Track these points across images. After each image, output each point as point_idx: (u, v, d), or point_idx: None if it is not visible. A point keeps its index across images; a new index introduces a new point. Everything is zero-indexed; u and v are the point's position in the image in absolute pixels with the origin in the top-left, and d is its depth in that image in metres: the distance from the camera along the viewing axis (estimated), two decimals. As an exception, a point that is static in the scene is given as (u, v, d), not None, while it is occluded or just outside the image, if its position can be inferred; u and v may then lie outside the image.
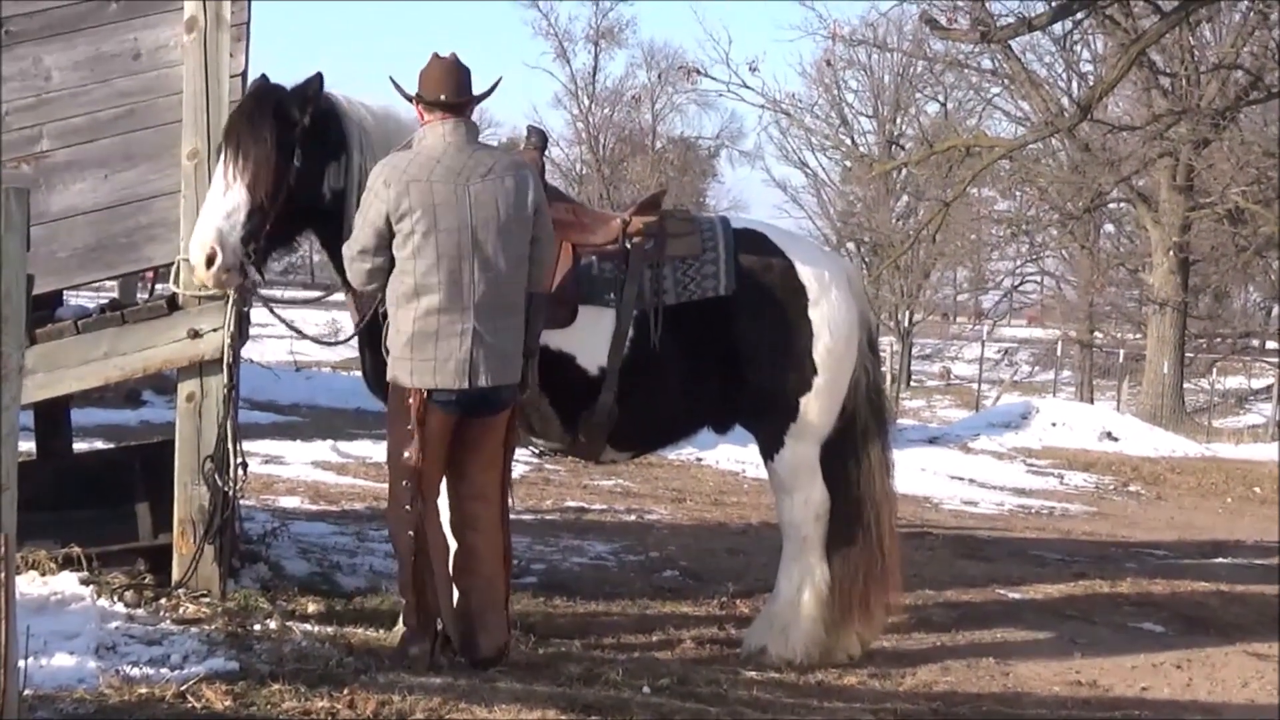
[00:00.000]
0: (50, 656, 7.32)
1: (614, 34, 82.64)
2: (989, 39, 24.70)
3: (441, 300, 8.11)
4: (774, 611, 9.51)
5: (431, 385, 8.15)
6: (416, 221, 8.09)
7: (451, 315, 8.12)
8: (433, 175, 8.15)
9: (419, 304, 8.13)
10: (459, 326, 8.13)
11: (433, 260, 8.10)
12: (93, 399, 18.92)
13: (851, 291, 9.66)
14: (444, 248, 8.11)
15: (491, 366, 8.21)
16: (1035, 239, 54.82)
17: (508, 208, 8.28)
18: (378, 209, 8.16)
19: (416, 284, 8.12)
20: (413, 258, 8.12)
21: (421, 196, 8.10)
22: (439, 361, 8.13)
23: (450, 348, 8.13)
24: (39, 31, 9.34)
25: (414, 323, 8.14)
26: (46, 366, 9.15)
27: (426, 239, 8.10)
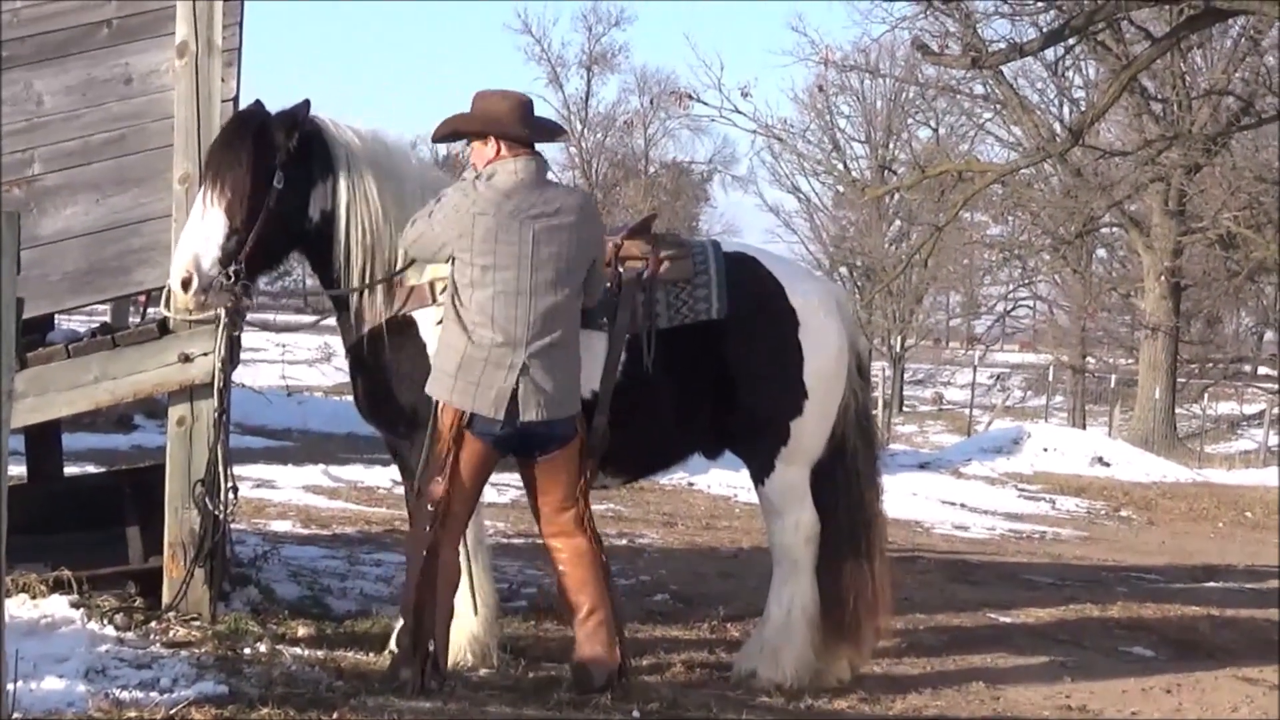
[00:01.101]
0: (40, 680, 7.31)
1: (606, 60, 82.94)
2: (980, 65, 24.78)
3: (494, 334, 8.16)
4: (764, 635, 9.50)
5: (469, 409, 8.17)
6: (478, 254, 8.16)
7: (503, 349, 8.16)
8: (500, 211, 8.20)
9: (472, 332, 8.18)
10: (509, 360, 8.17)
11: (489, 294, 8.16)
12: (84, 423, 18.94)
13: (841, 316, 9.67)
14: (502, 284, 8.16)
15: (541, 402, 8.24)
16: (1027, 264, 54.87)
17: (571, 247, 8.35)
18: (446, 229, 8.27)
19: (472, 315, 8.19)
20: (470, 287, 8.19)
21: (487, 231, 8.16)
22: (480, 388, 8.16)
23: (495, 378, 8.16)
24: (31, 56, 9.36)
25: (466, 348, 8.19)
26: (37, 390, 9.15)
27: (485, 273, 8.16)
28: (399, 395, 8.98)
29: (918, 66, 41.94)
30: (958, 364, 69.15)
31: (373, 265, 8.87)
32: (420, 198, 8.94)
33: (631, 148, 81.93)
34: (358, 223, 8.79)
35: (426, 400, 8.81)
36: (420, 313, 8.90)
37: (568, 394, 8.41)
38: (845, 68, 43.40)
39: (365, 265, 8.86)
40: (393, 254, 8.88)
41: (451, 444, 8.22)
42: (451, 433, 8.22)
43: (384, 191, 8.85)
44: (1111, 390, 51.68)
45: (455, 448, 8.23)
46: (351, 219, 8.79)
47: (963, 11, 27.01)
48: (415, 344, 8.92)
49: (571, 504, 8.58)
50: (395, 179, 8.94)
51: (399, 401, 8.99)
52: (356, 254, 8.82)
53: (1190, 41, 32.43)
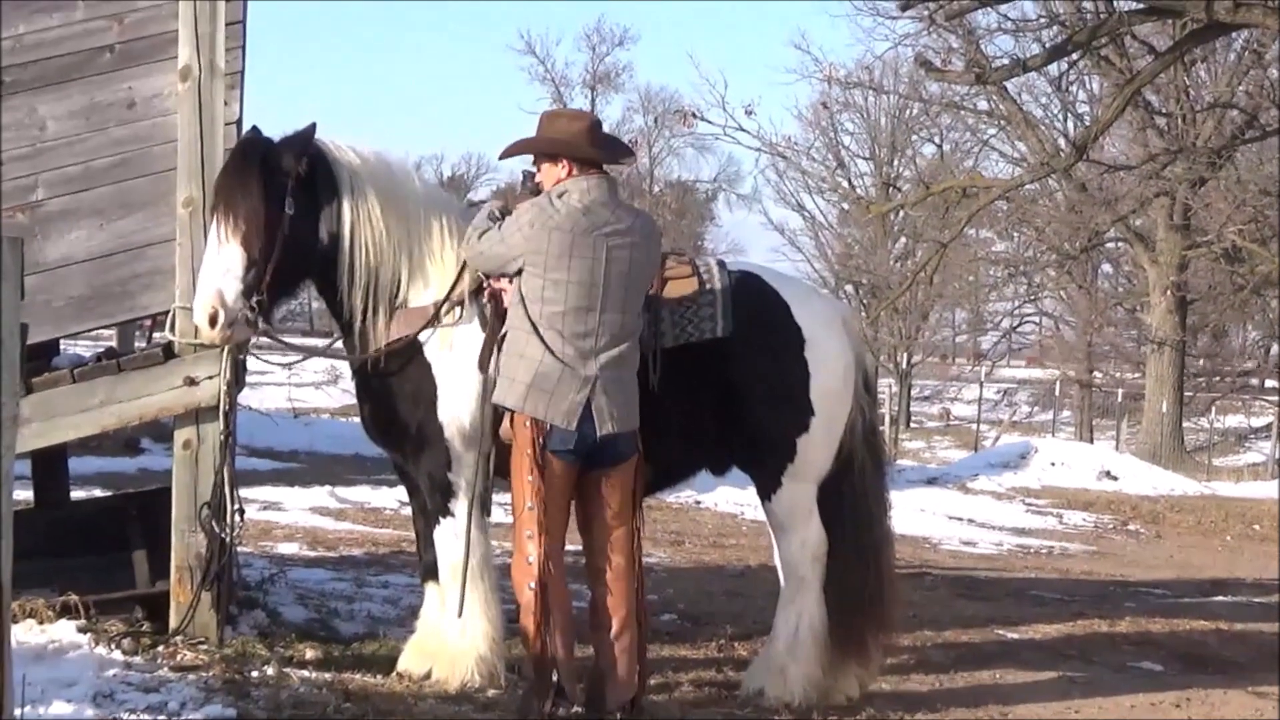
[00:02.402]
0: (48, 705, 7.31)
1: (610, 79, 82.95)
2: (984, 80, 24.79)
3: (566, 346, 8.22)
4: (772, 653, 9.49)
5: (542, 417, 8.20)
6: (551, 269, 8.22)
7: (575, 362, 8.23)
8: (576, 227, 8.26)
9: (543, 345, 8.24)
10: (581, 373, 8.23)
11: (561, 309, 8.21)
12: (91, 447, 18.93)
13: (847, 333, 9.67)
14: (575, 299, 8.21)
15: (612, 414, 8.30)
16: (1033, 279, 54.81)
17: (637, 267, 8.45)
18: (520, 244, 8.33)
19: (544, 327, 8.25)
20: (541, 301, 8.25)
21: (562, 246, 8.22)
22: (554, 399, 8.21)
23: (568, 390, 8.21)
24: (34, 81, 9.38)
25: (540, 358, 8.24)
26: (43, 415, 9.16)
27: (559, 287, 8.21)
28: (405, 415, 9.00)
29: (921, 83, 42.05)
30: (964, 380, 69.08)
31: (376, 286, 8.88)
32: (423, 218, 8.97)
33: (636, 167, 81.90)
34: (361, 244, 8.81)
35: (432, 419, 8.85)
36: (425, 334, 8.91)
37: (633, 408, 8.49)
38: (849, 85, 43.47)
39: (369, 286, 8.87)
40: (396, 274, 8.91)
41: (535, 466, 8.24)
42: (533, 454, 8.23)
43: (387, 212, 8.88)
44: (1118, 404, 51.60)
45: (539, 470, 8.25)
46: (356, 240, 8.81)
47: (966, 28, 27.06)
48: (420, 364, 8.94)
49: (621, 523, 8.58)
50: (398, 199, 8.96)
51: (405, 422, 9.01)
52: (360, 275, 8.84)
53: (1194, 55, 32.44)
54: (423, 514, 9.34)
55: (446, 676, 8.90)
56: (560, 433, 8.23)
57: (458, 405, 8.88)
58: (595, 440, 8.28)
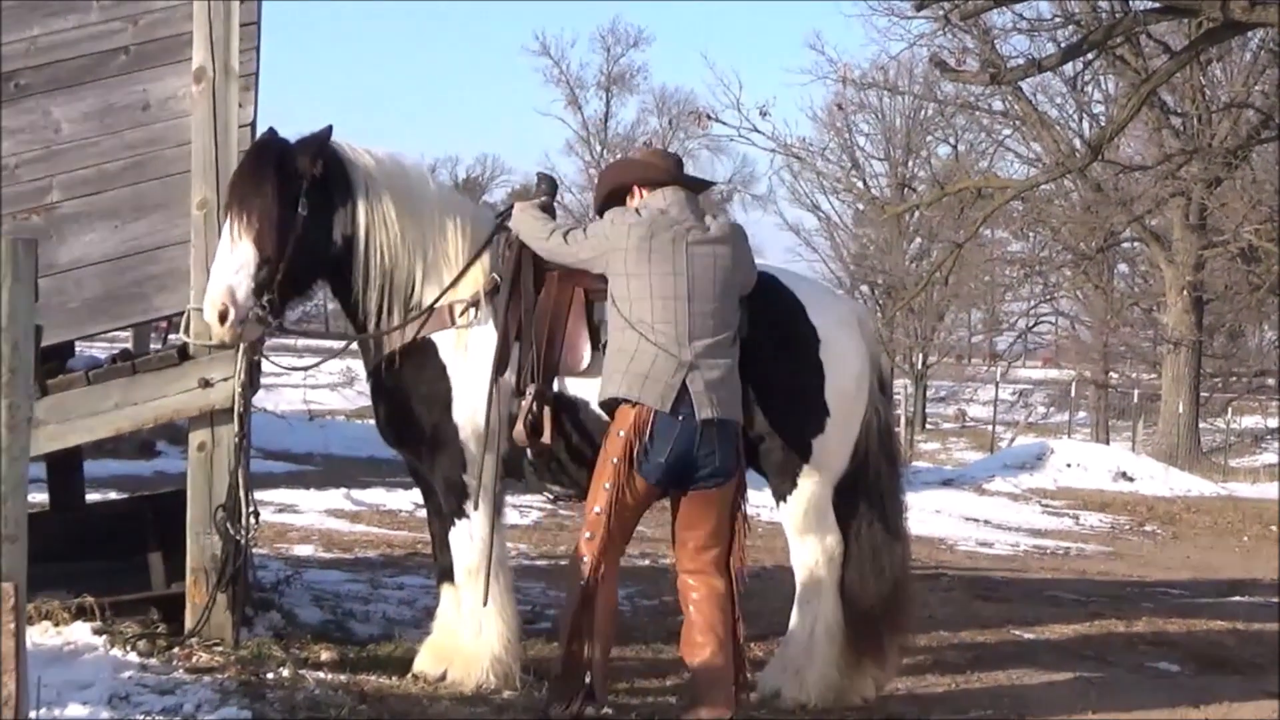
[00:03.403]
0: (63, 707, 7.31)
1: (625, 81, 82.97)
2: (999, 81, 24.78)
3: (657, 335, 8.32)
4: (788, 654, 9.47)
5: (636, 398, 8.26)
6: (633, 264, 8.43)
7: (669, 347, 8.32)
8: (655, 225, 8.48)
9: (637, 335, 8.36)
10: (677, 358, 8.32)
11: (647, 304, 8.38)
12: (106, 450, 18.95)
13: (863, 333, 9.65)
14: (659, 292, 8.36)
15: (711, 399, 8.36)
16: (1049, 280, 54.76)
17: (726, 264, 8.61)
18: (603, 242, 8.58)
19: (634, 321, 8.37)
20: (628, 299, 8.43)
21: (641, 242, 8.43)
22: (649, 381, 8.29)
23: (663, 372, 8.30)
24: (48, 83, 9.38)
25: (636, 345, 8.35)
26: (57, 417, 9.16)
27: (640, 280, 8.42)
28: (420, 417, 8.99)
29: (936, 83, 42.01)
30: (980, 381, 68.99)
31: (391, 288, 8.89)
32: (438, 220, 8.97)
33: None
34: (376, 246, 8.82)
35: (447, 421, 8.85)
36: (439, 335, 8.91)
37: (735, 398, 8.57)
38: (864, 85, 43.42)
39: (384, 288, 8.88)
40: (411, 276, 8.91)
41: (618, 478, 8.28)
42: (621, 465, 8.28)
43: (402, 214, 8.88)
44: (1134, 405, 51.55)
45: (621, 478, 8.29)
46: (370, 242, 8.82)
47: (981, 28, 27.05)
48: (435, 366, 8.94)
49: (716, 543, 8.63)
50: (413, 201, 8.97)
51: (420, 423, 9.01)
52: (375, 277, 8.85)
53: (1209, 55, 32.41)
54: (438, 516, 9.33)
55: (462, 678, 8.89)
56: (652, 463, 8.29)
57: (473, 407, 8.87)
58: (693, 456, 8.34)
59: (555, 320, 8.89)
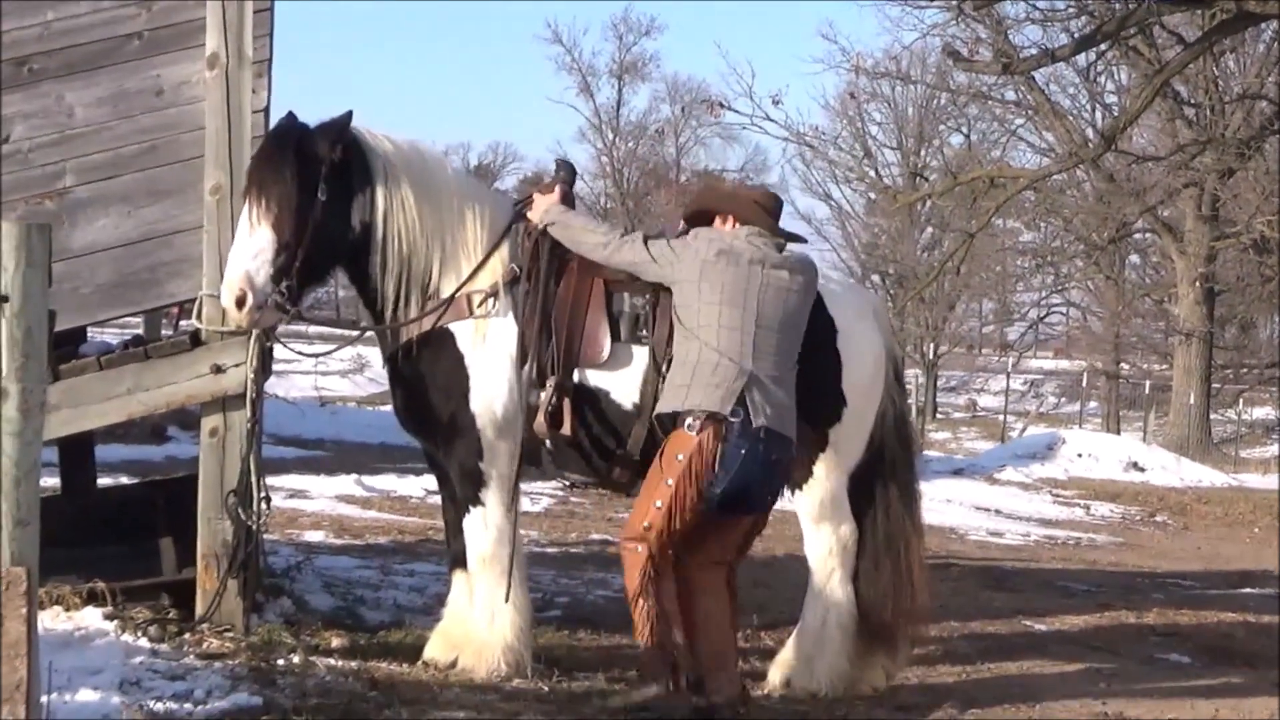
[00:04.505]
0: (74, 692, 7.30)
1: (637, 69, 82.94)
2: (1012, 71, 24.73)
3: (720, 343, 8.32)
4: (799, 644, 9.46)
5: (697, 405, 8.26)
6: (707, 284, 8.40)
7: (732, 355, 8.31)
8: (734, 250, 8.46)
9: (699, 343, 8.36)
10: (738, 365, 8.31)
11: (715, 327, 8.34)
12: (118, 435, 18.97)
13: (878, 323, 9.65)
14: (728, 319, 8.34)
15: (766, 411, 8.35)
16: (1060, 270, 54.76)
17: (791, 307, 8.59)
18: (677, 251, 8.62)
19: (699, 326, 8.38)
20: (696, 309, 8.41)
21: (721, 265, 8.41)
22: (709, 387, 8.30)
23: (724, 378, 8.29)
24: (62, 68, 9.35)
25: (699, 353, 8.35)
26: (70, 402, 9.15)
27: (713, 292, 8.38)
28: (436, 406, 8.98)
29: (949, 73, 41.88)
30: (991, 371, 69.00)
31: (408, 275, 8.87)
32: (457, 208, 8.95)
33: (663, 156, 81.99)
34: (395, 233, 8.79)
35: (465, 410, 8.84)
36: (457, 324, 8.90)
37: (790, 420, 8.54)
38: (876, 74, 43.36)
39: (401, 275, 8.85)
40: (428, 264, 8.89)
41: (676, 496, 8.28)
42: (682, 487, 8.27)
43: (421, 201, 8.85)
44: (1146, 396, 51.56)
45: (677, 503, 8.28)
46: (389, 230, 8.79)
47: (994, 18, 26.99)
48: (452, 355, 8.92)
49: (734, 552, 8.79)
50: (432, 189, 8.94)
51: (436, 412, 8.99)
52: (393, 264, 8.82)
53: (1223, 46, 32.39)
54: (452, 503, 9.33)
55: (473, 665, 8.88)
56: (710, 494, 8.28)
57: (490, 396, 8.86)
58: (751, 487, 8.37)
59: (575, 311, 8.87)
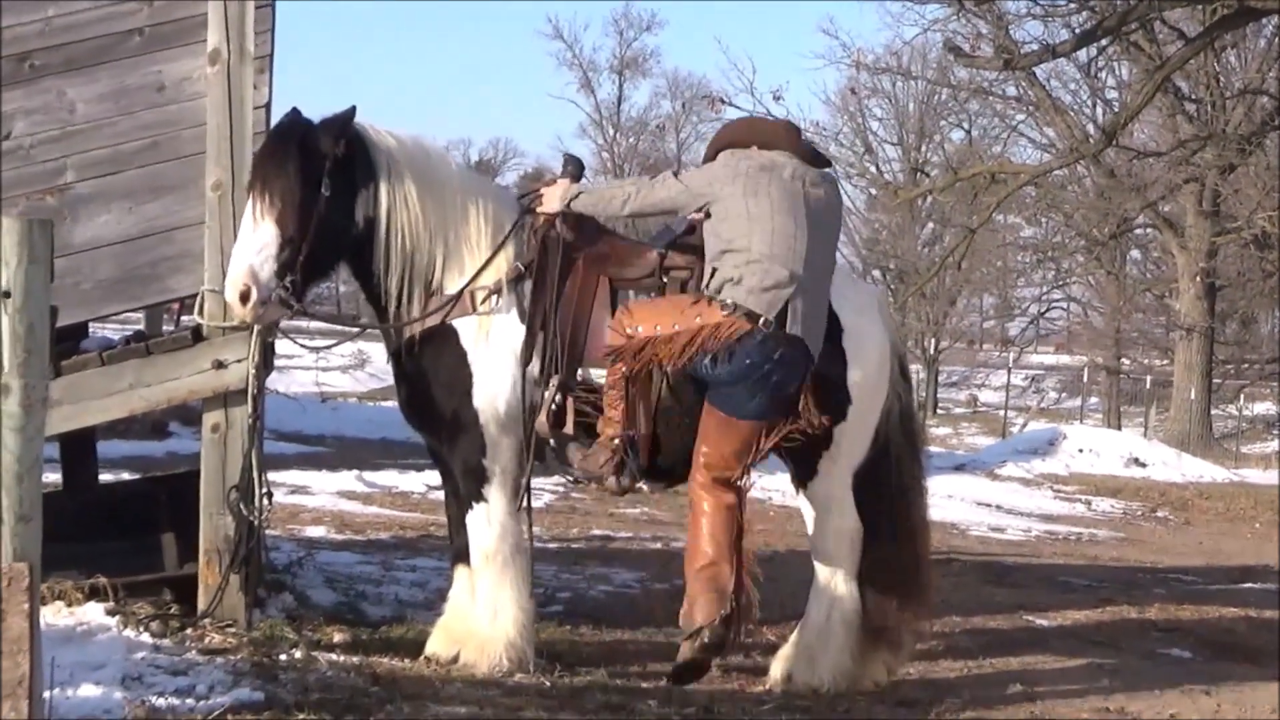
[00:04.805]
0: (76, 687, 7.30)
1: (638, 64, 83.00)
2: (1013, 66, 24.77)
3: (774, 248, 8.47)
4: (802, 640, 9.45)
5: (741, 301, 8.39)
6: (750, 193, 8.55)
7: (782, 264, 8.47)
8: (775, 162, 8.69)
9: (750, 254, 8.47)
10: (788, 273, 8.47)
11: (768, 230, 8.48)
12: (119, 430, 18.94)
13: (883, 320, 9.64)
14: (780, 210, 8.52)
15: (803, 323, 8.56)
16: (1061, 265, 54.74)
17: (834, 217, 8.95)
18: (712, 172, 8.78)
19: (753, 240, 8.48)
20: (745, 215, 8.52)
21: (761, 170, 8.63)
22: (758, 291, 8.43)
23: (775, 281, 8.45)
24: (63, 64, 9.36)
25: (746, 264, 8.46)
26: (71, 398, 9.15)
27: (763, 213, 8.50)
28: (440, 401, 8.99)
29: (950, 68, 41.93)
30: (992, 366, 69.01)
31: (411, 271, 8.87)
32: (460, 204, 8.95)
33: (664, 152, 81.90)
34: (397, 229, 8.79)
35: (468, 406, 8.84)
36: (460, 321, 8.89)
37: (819, 336, 8.78)
38: (877, 70, 43.47)
39: (404, 271, 8.86)
40: (432, 260, 8.89)
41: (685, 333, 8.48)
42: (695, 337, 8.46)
43: (424, 197, 8.85)
44: (1147, 391, 51.59)
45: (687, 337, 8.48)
46: (392, 225, 8.79)
47: (995, 13, 27.00)
48: (456, 351, 8.92)
49: (736, 465, 8.76)
50: (436, 185, 8.94)
51: (440, 407, 9.00)
52: (395, 260, 8.82)
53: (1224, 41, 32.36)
54: (455, 498, 9.33)
55: (475, 660, 8.88)
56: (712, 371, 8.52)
57: (493, 392, 8.86)
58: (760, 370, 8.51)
59: (580, 309, 8.87)
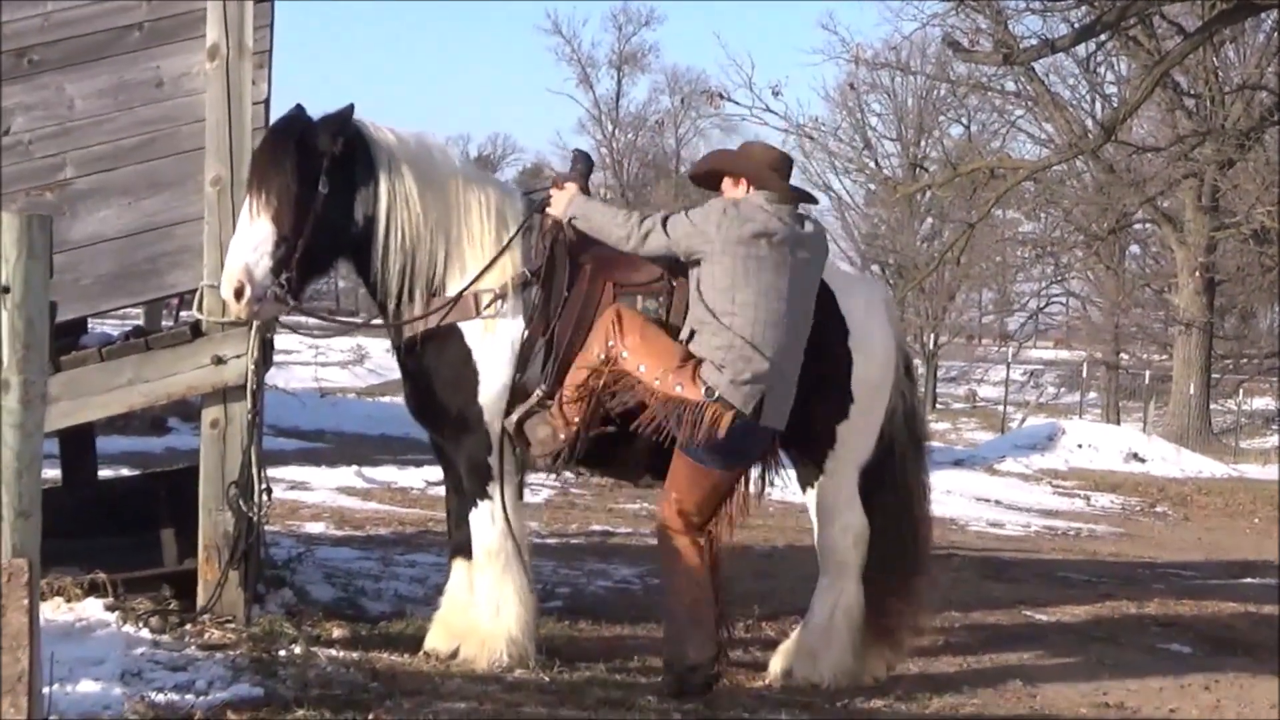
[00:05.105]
0: (76, 683, 7.30)
1: (637, 60, 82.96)
2: (1012, 61, 24.76)
3: (756, 344, 8.46)
4: (805, 637, 9.42)
5: (723, 394, 8.42)
6: (747, 264, 8.51)
7: (763, 360, 8.47)
8: (769, 227, 8.58)
9: (734, 339, 8.45)
10: (766, 368, 8.49)
11: (752, 311, 8.46)
12: (118, 426, 18.97)
13: (889, 319, 9.62)
14: (766, 290, 8.50)
15: (777, 410, 8.64)
16: (1060, 260, 54.76)
17: (815, 278, 8.88)
18: (702, 230, 8.61)
19: (735, 322, 8.47)
20: (728, 288, 8.50)
21: (753, 237, 8.53)
22: (738, 384, 8.45)
23: (754, 374, 8.46)
24: (62, 60, 9.35)
25: (730, 346, 8.45)
26: (71, 394, 9.15)
27: (751, 291, 8.49)
28: (445, 400, 8.98)
29: (949, 64, 41.89)
30: (991, 361, 68.94)
31: (412, 269, 8.85)
32: (463, 202, 8.93)
33: (663, 147, 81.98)
34: (398, 226, 8.77)
35: (473, 404, 8.83)
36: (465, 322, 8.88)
37: (786, 412, 8.77)
38: (876, 65, 43.39)
39: (405, 269, 8.84)
40: (433, 258, 8.87)
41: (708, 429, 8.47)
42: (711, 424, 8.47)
43: (425, 195, 8.84)
44: (1146, 386, 51.55)
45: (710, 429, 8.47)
46: (392, 223, 8.77)
47: (994, 8, 26.97)
48: (460, 350, 8.91)
49: (709, 511, 8.96)
50: (437, 182, 8.93)
51: (445, 405, 9.00)
52: (395, 257, 8.81)
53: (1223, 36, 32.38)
54: (456, 492, 9.33)
55: (475, 656, 8.88)
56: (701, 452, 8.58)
57: (499, 390, 8.86)
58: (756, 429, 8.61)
59: (584, 315, 8.88)
